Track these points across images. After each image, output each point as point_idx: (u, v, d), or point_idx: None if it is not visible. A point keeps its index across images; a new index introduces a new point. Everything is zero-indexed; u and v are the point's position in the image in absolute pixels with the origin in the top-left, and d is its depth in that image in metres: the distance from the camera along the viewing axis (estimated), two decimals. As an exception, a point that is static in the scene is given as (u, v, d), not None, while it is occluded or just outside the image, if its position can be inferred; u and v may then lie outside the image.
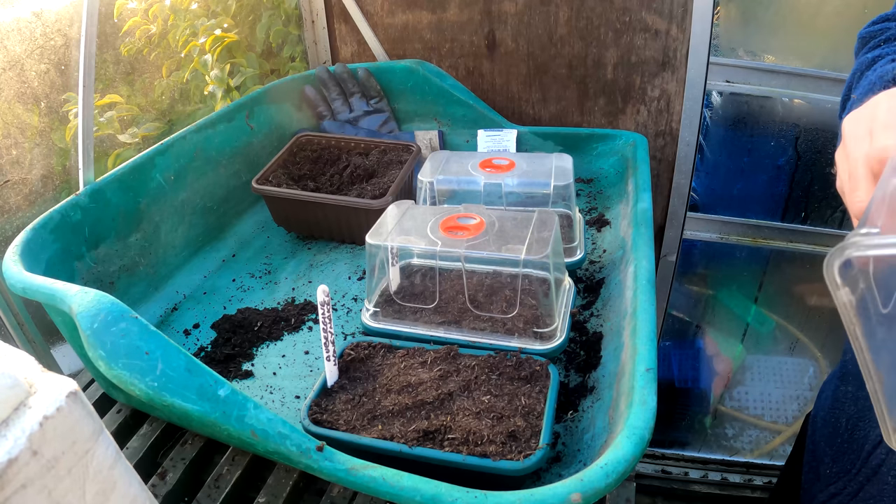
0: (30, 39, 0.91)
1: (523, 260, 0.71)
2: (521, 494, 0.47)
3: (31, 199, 0.95)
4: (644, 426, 0.51)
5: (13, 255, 0.69)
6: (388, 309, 0.78)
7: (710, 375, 1.58)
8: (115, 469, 0.37)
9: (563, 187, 0.88)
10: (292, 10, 1.35)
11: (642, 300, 0.67)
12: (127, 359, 0.53)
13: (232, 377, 0.78)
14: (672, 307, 1.48)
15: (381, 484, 0.49)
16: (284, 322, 0.87)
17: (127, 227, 0.88)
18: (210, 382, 0.54)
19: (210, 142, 1.04)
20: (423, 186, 0.91)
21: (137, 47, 1.15)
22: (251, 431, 0.53)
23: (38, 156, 0.96)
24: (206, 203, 1.03)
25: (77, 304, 0.56)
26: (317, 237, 1.06)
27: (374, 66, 1.25)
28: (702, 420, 1.62)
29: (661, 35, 1.18)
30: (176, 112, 1.23)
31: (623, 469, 0.48)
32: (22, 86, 0.92)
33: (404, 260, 0.82)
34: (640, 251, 0.75)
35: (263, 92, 1.17)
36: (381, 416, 0.63)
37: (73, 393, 0.33)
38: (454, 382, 0.66)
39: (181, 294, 0.93)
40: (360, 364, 0.70)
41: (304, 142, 1.13)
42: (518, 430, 0.60)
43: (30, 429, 0.31)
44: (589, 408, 0.68)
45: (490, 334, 0.73)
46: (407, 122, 1.29)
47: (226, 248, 1.04)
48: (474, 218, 0.77)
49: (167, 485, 0.62)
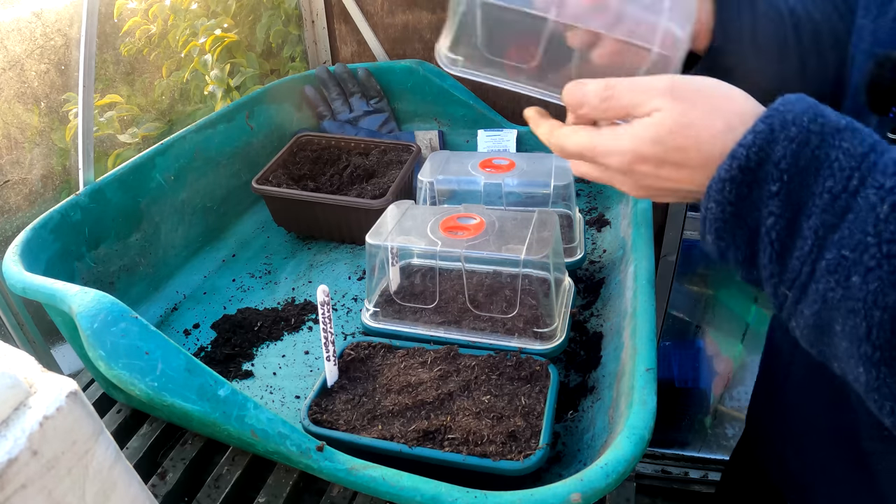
0: (30, 39, 0.91)
1: (523, 260, 0.71)
2: (521, 494, 0.47)
3: (31, 199, 0.95)
4: (644, 426, 0.51)
5: (13, 255, 0.69)
6: (388, 309, 0.78)
7: (710, 375, 1.57)
8: (115, 469, 0.37)
9: (563, 187, 0.88)
10: (292, 10, 1.35)
11: (642, 300, 0.67)
12: (127, 359, 0.53)
13: (232, 377, 0.78)
14: (672, 307, 1.48)
15: (381, 484, 0.49)
16: (284, 322, 0.87)
17: (127, 227, 0.88)
18: (210, 382, 0.54)
19: (210, 142, 1.04)
20: (423, 186, 0.91)
21: (137, 47, 1.15)
22: (251, 431, 0.53)
23: (38, 156, 0.96)
24: (206, 203, 1.03)
25: (77, 304, 0.56)
26: (317, 237, 1.06)
27: (374, 66, 1.25)
28: (702, 420, 1.62)
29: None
30: (176, 112, 1.23)
31: (623, 469, 0.48)
32: (22, 86, 0.92)
33: (404, 260, 0.82)
34: (640, 251, 0.75)
35: (263, 92, 1.17)
36: (381, 416, 0.63)
37: (73, 393, 0.33)
38: (454, 382, 0.66)
39: (181, 294, 0.93)
40: (360, 364, 0.70)
41: (304, 142, 1.13)
42: (518, 430, 0.60)
43: (30, 429, 0.31)
44: (589, 408, 0.68)
45: (490, 334, 0.73)
46: (407, 122, 1.29)
47: (226, 248, 1.04)
48: (474, 218, 0.77)
49: (167, 485, 0.62)
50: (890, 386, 0.33)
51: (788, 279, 0.36)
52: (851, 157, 0.34)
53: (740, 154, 0.36)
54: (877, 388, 0.34)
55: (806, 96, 0.36)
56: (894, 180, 0.32)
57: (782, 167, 0.35)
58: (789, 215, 0.35)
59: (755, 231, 0.37)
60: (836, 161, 0.34)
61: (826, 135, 0.34)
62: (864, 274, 0.32)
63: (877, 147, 0.34)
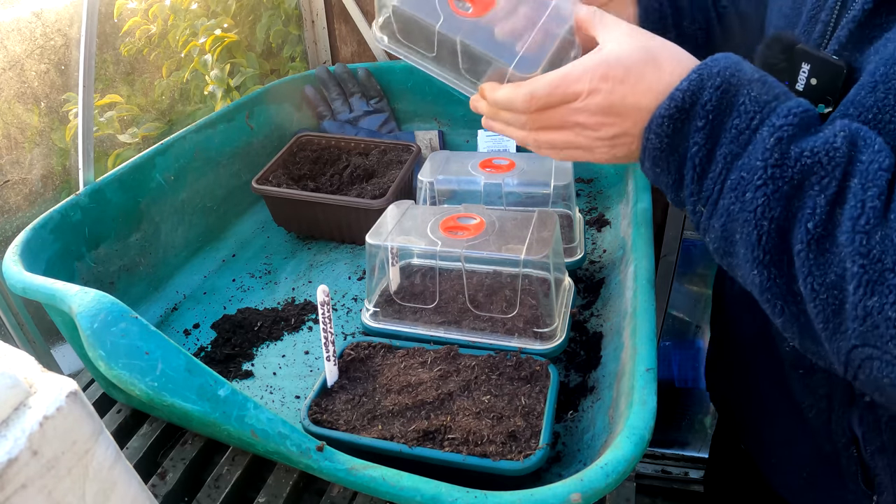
0: (30, 39, 0.91)
1: (523, 260, 0.71)
2: (521, 494, 0.47)
3: (31, 199, 0.95)
4: (644, 426, 0.51)
5: (13, 255, 0.69)
6: (388, 309, 0.78)
7: (710, 375, 1.57)
8: (115, 469, 0.37)
9: (563, 187, 0.88)
10: (292, 10, 1.35)
11: (642, 300, 0.67)
12: (127, 359, 0.53)
13: (232, 377, 0.78)
14: (672, 307, 1.47)
15: (381, 484, 0.49)
16: (284, 322, 0.87)
17: (127, 227, 0.88)
18: (210, 382, 0.54)
19: (210, 142, 1.04)
20: (423, 186, 0.91)
21: (137, 47, 1.15)
22: (251, 431, 0.53)
23: (38, 156, 0.96)
24: (206, 203, 1.03)
25: (77, 304, 0.56)
26: (317, 237, 1.06)
27: (374, 66, 1.25)
28: (702, 420, 1.62)
29: (661, 35, 1.18)
30: (176, 112, 1.23)
31: (623, 469, 0.48)
32: (22, 86, 0.92)
33: (404, 260, 0.82)
34: (640, 251, 0.75)
35: (263, 92, 1.17)
36: (381, 416, 0.63)
37: (73, 393, 0.33)
38: (454, 382, 0.66)
39: (181, 294, 0.93)
40: (360, 364, 0.70)
41: (304, 142, 1.13)
42: (518, 430, 0.60)
43: (30, 429, 0.31)
44: (589, 408, 0.68)
45: (490, 334, 0.73)
46: (407, 122, 1.29)
47: (226, 248, 1.04)
48: (474, 218, 0.77)
49: (167, 485, 0.62)
50: (779, 285, 0.42)
51: (704, 197, 0.45)
52: (756, 103, 0.42)
53: (677, 96, 0.44)
54: (768, 289, 0.42)
55: (732, 54, 0.45)
56: (782, 121, 0.41)
57: (707, 108, 0.43)
58: (709, 146, 0.44)
59: (683, 158, 0.45)
60: (743, 105, 0.43)
61: (741, 85, 0.43)
62: (754, 191, 0.41)
63: (780, 97, 0.43)
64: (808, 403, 0.58)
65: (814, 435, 0.59)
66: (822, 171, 0.40)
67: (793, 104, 0.42)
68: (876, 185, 0.38)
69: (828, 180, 0.39)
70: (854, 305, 0.38)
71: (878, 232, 0.37)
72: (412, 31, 0.57)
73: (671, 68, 0.46)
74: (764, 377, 0.66)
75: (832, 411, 0.55)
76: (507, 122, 0.55)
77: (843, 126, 0.41)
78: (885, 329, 0.37)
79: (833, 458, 0.58)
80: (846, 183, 0.39)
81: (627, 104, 0.47)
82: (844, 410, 0.54)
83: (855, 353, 0.39)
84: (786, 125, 0.41)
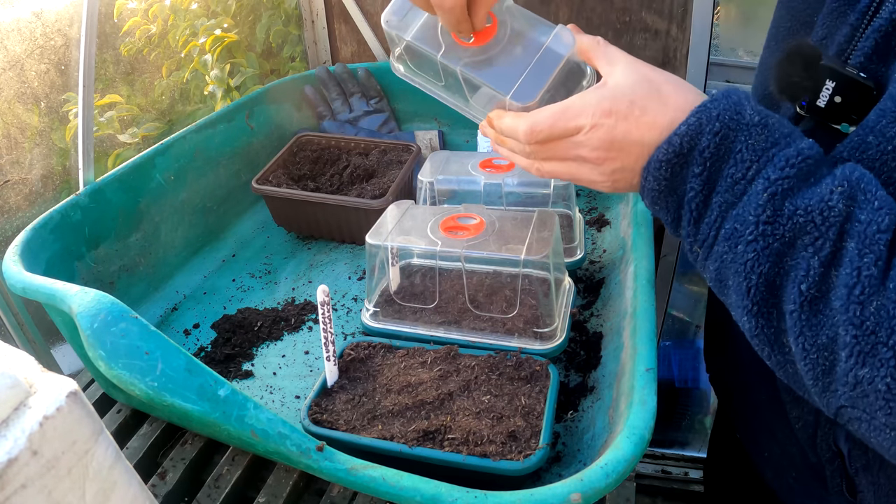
0: (30, 39, 0.91)
1: (523, 260, 0.71)
2: (521, 494, 0.47)
3: (31, 199, 0.95)
4: (644, 426, 0.51)
5: (13, 255, 0.69)
6: (388, 309, 0.78)
7: (710, 375, 1.57)
8: (115, 469, 0.37)
9: (563, 187, 0.88)
10: (292, 10, 1.35)
11: (642, 300, 0.67)
12: (127, 359, 0.53)
13: (232, 377, 0.78)
14: (672, 307, 1.47)
15: (381, 484, 0.49)
16: (284, 322, 0.87)
17: (127, 227, 0.88)
18: (210, 382, 0.54)
19: (210, 142, 1.04)
20: (423, 186, 0.91)
21: (137, 47, 1.15)
22: (251, 431, 0.53)
23: (38, 156, 0.96)
24: (206, 203, 1.03)
25: (77, 304, 0.56)
26: (317, 237, 1.06)
27: (374, 66, 1.25)
28: (702, 420, 1.62)
29: (661, 35, 1.18)
30: (176, 112, 1.23)
31: (623, 469, 0.48)
32: (22, 86, 0.92)
33: (404, 260, 0.82)
34: (640, 251, 0.75)
35: (263, 92, 1.17)
36: (381, 416, 0.63)
37: (73, 393, 0.33)
38: (454, 382, 0.66)
39: (181, 294, 0.93)
40: (360, 364, 0.70)
41: (304, 142, 1.13)
42: (518, 430, 0.60)
43: (30, 429, 0.31)
44: (589, 408, 0.68)
45: (490, 334, 0.73)
46: (407, 122, 1.29)
47: (226, 248, 1.04)
48: (474, 218, 0.77)
49: (167, 485, 0.62)
50: (766, 334, 0.42)
51: (700, 240, 0.45)
52: (753, 152, 0.42)
53: (675, 141, 0.44)
54: (756, 335, 0.43)
55: (733, 92, 0.44)
56: (778, 173, 0.40)
57: (705, 155, 0.43)
58: (706, 192, 0.44)
59: (681, 200, 0.45)
60: (740, 153, 0.42)
61: (739, 131, 0.42)
62: (745, 244, 0.41)
63: (779, 142, 0.42)
64: (796, 415, 0.58)
65: (800, 443, 0.59)
66: (815, 231, 0.39)
67: (791, 152, 0.41)
68: (873, 252, 0.37)
69: (822, 242, 0.39)
70: (845, 372, 0.37)
71: (873, 302, 0.36)
72: (423, 63, 0.60)
73: (675, 103, 0.45)
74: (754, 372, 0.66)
75: (818, 426, 0.55)
76: (513, 150, 0.55)
77: (843, 178, 0.39)
78: (875, 399, 0.37)
79: (818, 468, 0.58)
80: (842, 244, 0.38)
81: (630, 140, 0.46)
82: (831, 427, 0.54)
83: (843, 412, 0.39)
84: (780, 178, 0.40)
